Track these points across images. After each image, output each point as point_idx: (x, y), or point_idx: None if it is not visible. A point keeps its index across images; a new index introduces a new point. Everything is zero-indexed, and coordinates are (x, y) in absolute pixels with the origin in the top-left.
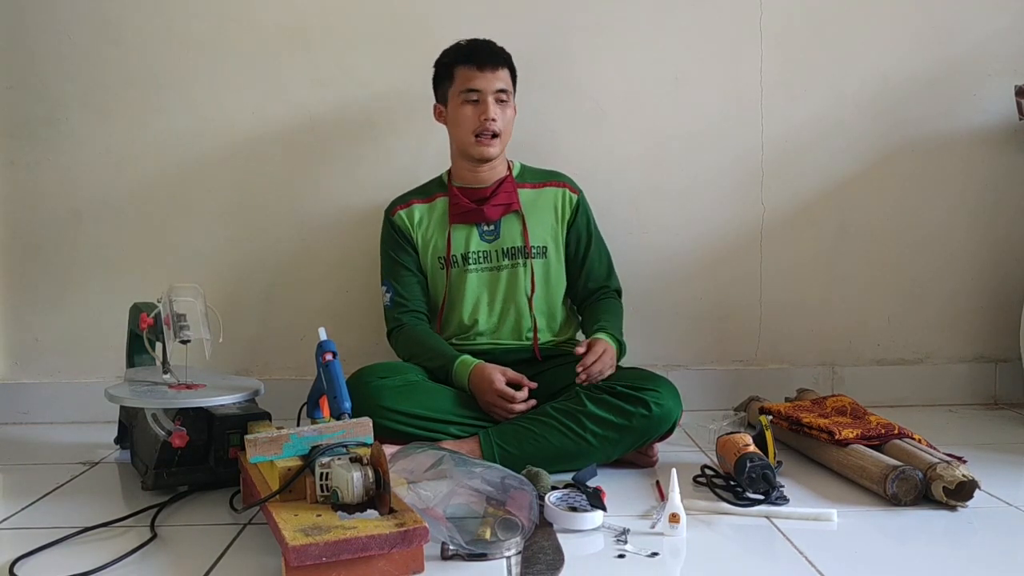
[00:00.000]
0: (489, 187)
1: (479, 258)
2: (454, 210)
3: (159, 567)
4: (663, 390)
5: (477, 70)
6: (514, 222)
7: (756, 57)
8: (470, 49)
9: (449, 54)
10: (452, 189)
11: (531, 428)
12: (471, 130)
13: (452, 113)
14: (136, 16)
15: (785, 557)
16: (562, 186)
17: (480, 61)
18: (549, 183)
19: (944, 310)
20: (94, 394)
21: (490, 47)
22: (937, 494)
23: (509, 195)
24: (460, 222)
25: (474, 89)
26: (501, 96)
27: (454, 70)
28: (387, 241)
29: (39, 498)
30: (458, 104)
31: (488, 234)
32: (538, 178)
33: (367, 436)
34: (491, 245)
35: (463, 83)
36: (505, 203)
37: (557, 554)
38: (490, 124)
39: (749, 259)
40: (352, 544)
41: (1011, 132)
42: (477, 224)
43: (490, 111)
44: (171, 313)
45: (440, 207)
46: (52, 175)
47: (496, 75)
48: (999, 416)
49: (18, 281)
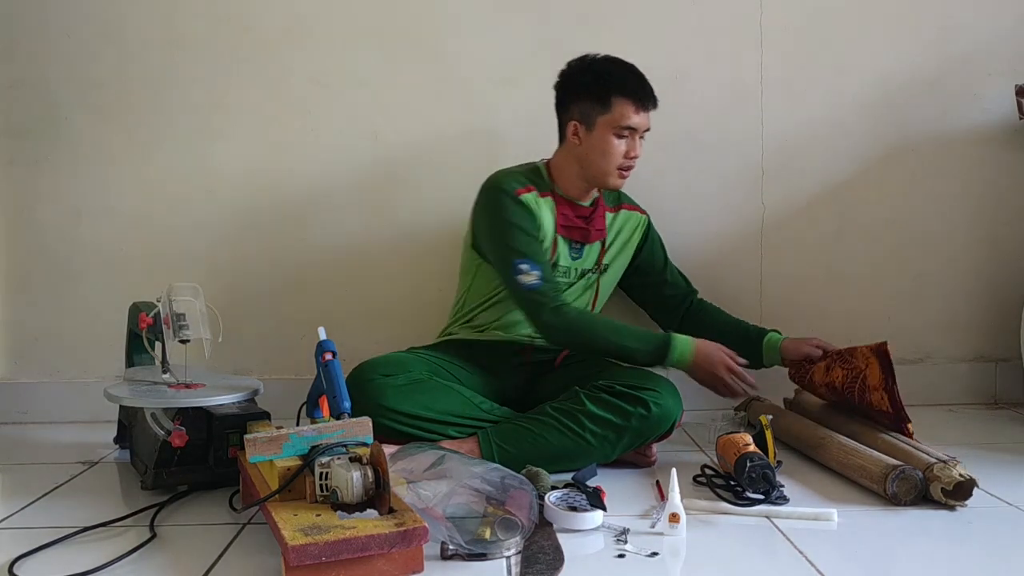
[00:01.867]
0: (588, 208)
1: (562, 273)
2: (562, 220)
3: (158, 567)
4: (663, 390)
5: (640, 108)
6: (597, 246)
7: (756, 57)
8: (635, 85)
9: (608, 80)
10: (559, 198)
11: (530, 428)
12: (616, 164)
13: (598, 141)
14: (136, 16)
15: (785, 557)
16: (633, 209)
17: (642, 99)
18: (623, 206)
19: (944, 310)
20: (93, 394)
21: (650, 87)
22: (936, 495)
23: (601, 220)
24: (564, 234)
25: (631, 127)
26: (643, 134)
27: (612, 99)
28: (520, 216)
29: (38, 498)
30: (607, 134)
31: (575, 251)
32: (612, 200)
33: (366, 436)
34: (574, 263)
35: (621, 118)
36: (600, 229)
37: (557, 554)
38: (634, 163)
39: (749, 258)
40: (352, 544)
41: (1011, 132)
42: (571, 241)
43: (638, 150)
44: (170, 313)
45: (549, 208)
46: (53, 175)
47: (649, 115)
48: (999, 416)
49: (18, 281)
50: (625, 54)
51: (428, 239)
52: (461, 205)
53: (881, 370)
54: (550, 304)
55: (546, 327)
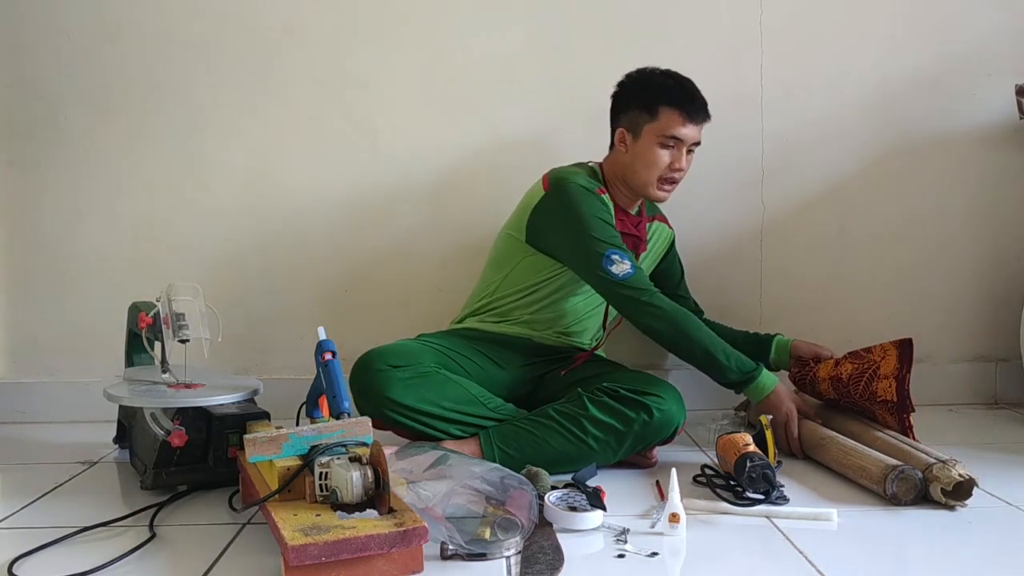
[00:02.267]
0: (636, 217)
1: None
2: (619, 226)
3: (158, 567)
4: (666, 395)
5: (688, 120)
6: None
7: (756, 57)
8: (686, 96)
9: (658, 89)
10: (616, 205)
11: (532, 430)
12: (659, 174)
13: (643, 150)
14: (136, 15)
15: (785, 557)
16: (662, 221)
17: (692, 112)
18: (656, 217)
19: (945, 309)
20: (93, 393)
21: (702, 98)
22: (935, 495)
23: (645, 231)
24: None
25: (678, 138)
26: (693, 148)
27: (660, 108)
28: (601, 210)
29: (38, 497)
30: (653, 143)
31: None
32: (650, 211)
33: (366, 436)
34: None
35: (668, 127)
36: (646, 239)
37: (557, 554)
38: (679, 176)
39: (749, 259)
40: (351, 544)
41: (1011, 131)
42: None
43: (683, 163)
44: (170, 312)
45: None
46: (52, 175)
47: (699, 129)
48: (999, 416)
49: (17, 280)
50: (624, 55)
51: (428, 238)
52: (461, 205)
53: (899, 360)
54: (649, 290)
55: (648, 315)
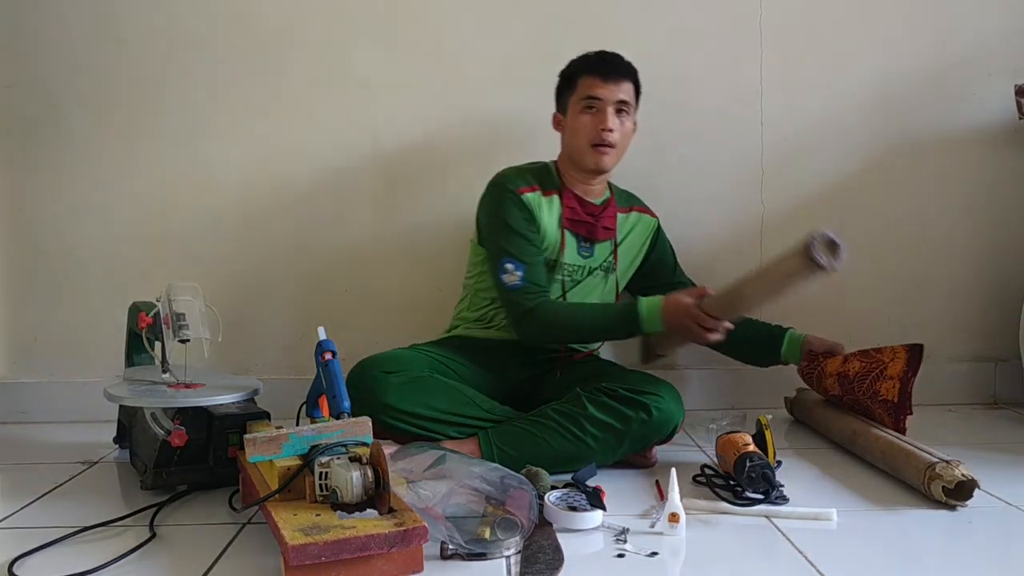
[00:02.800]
0: (599, 206)
1: (573, 271)
2: (569, 214)
3: (158, 567)
4: (665, 394)
5: (600, 80)
6: (608, 246)
7: (756, 57)
8: (596, 59)
9: (574, 64)
10: (568, 192)
11: (531, 430)
12: (588, 139)
13: (570, 122)
14: (136, 14)
15: (785, 557)
16: (644, 212)
17: (604, 71)
18: (634, 207)
19: (944, 310)
20: (93, 393)
21: (616, 57)
22: (936, 494)
23: (612, 220)
24: (571, 228)
25: (595, 97)
26: (622, 107)
27: (577, 79)
28: (516, 217)
29: (38, 497)
30: (577, 112)
31: (585, 250)
32: (624, 201)
33: (366, 436)
34: (585, 261)
35: (584, 91)
36: (609, 227)
37: (556, 553)
38: (607, 135)
39: (749, 259)
40: (351, 543)
41: (1011, 131)
42: (582, 237)
43: (608, 121)
44: (170, 312)
45: (556, 206)
46: (52, 175)
47: (619, 86)
48: (999, 416)
49: (17, 280)
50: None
51: (428, 239)
52: (461, 205)
53: (907, 363)
54: (526, 306)
55: (518, 328)
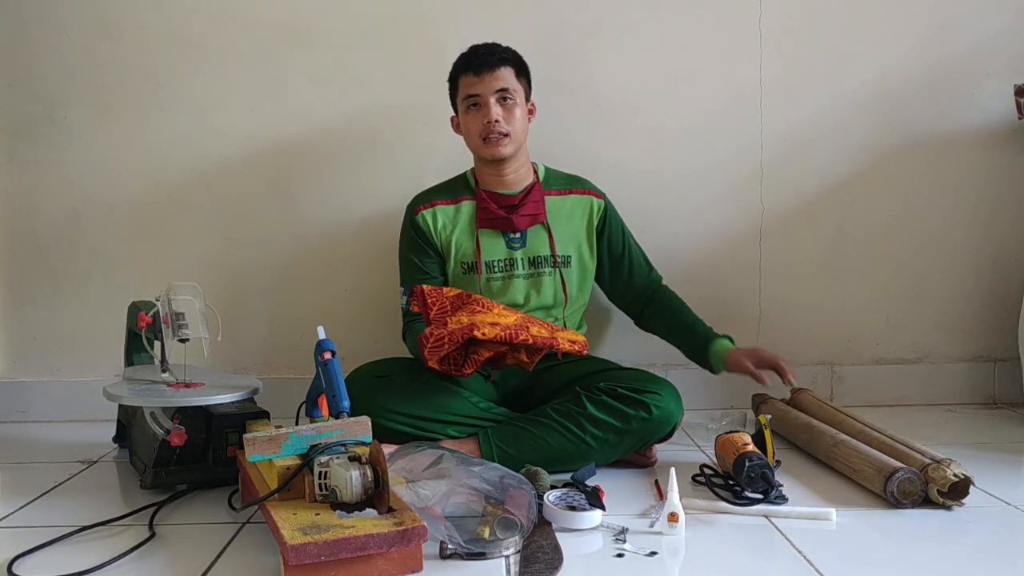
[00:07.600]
0: (518, 195)
1: (505, 265)
2: (482, 215)
3: (157, 566)
4: (664, 393)
5: (474, 75)
6: (541, 232)
7: (756, 57)
8: (469, 56)
9: (454, 65)
10: (480, 193)
11: (530, 429)
12: (478, 135)
13: (462, 122)
14: (135, 14)
15: (784, 556)
16: (586, 193)
17: (476, 66)
18: (574, 190)
19: (943, 310)
20: (93, 392)
21: (487, 49)
22: (932, 496)
23: (536, 205)
24: (487, 227)
25: (473, 94)
26: (504, 95)
27: (458, 80)
28: (407, 242)
29: (38, 496)
30: (464, 112)
31: (515, 241)
32: (562, 184)
33: (366, 435)
34: (516, 252)
35: (464, 90)
36: (532, 213)
37: (556, 553)
38: (493, 126)
39: (748, 258)
40: (351, 543)
41: (1010, 132)
42: (504, 231)
43: (491, 113)
44: (170, 312)
45: (467, 210)
46: (52, 174)
47: (494, 76)
48: (998, 415)
49: (17, 280)
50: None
51: None
52: None
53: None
54: (403, 327)
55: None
